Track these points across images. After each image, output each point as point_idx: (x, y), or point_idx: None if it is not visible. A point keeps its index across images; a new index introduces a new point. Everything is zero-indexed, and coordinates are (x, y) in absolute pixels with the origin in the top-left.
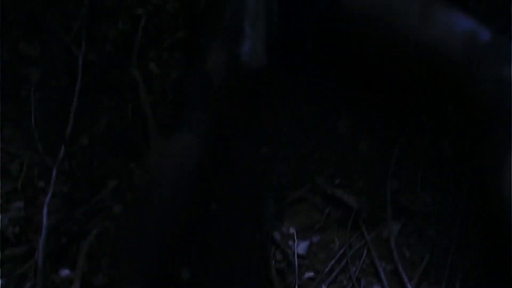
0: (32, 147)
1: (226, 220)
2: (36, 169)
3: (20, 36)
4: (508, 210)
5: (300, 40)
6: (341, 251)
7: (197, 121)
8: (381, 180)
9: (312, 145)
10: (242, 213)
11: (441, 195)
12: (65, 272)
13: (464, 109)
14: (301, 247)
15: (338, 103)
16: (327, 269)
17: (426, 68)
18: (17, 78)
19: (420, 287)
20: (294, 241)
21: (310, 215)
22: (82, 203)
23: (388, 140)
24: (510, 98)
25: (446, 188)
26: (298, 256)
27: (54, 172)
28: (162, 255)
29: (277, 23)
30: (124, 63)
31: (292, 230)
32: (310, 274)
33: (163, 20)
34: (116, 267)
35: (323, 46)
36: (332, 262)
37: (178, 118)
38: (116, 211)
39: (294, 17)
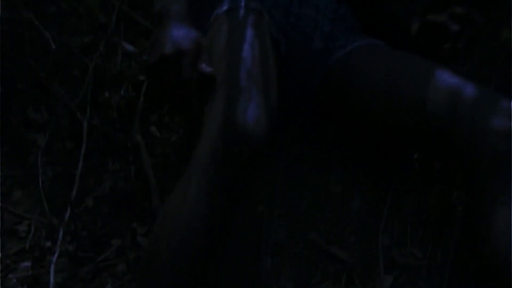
0: (40, 209)
1: (224, 276)
2: (43, 230)
3: (29, 103)
4: (504, 263)
5: (296, 106)
6: None
7: (201, 183)
8: (373, 235)
9: (306, 203)
10: (239, 268)
11: (430, 249)
12: None
13: (454, 163)
14: None
15: (330, 163)
16: None
17: (415, 125)
18: (25, 143)
19: None
20: None
21: (306, 271)
22: (87, 262)
23: (379, 197)
24: (504, 149)
25: (435, 242)
26: None
27: (60, 233)
28: None
29: (275, 90)
30: (127, 128)
31: (289, 286)
32: None
33: None
34: None
35: (318, 111)
36: None
37: (182, 181)
38: (120, 270)
39: (290, 84)
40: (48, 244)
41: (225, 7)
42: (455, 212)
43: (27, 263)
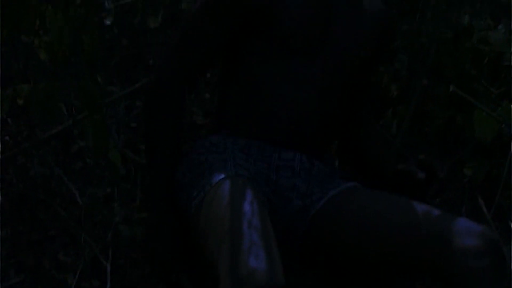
0: None
1: None
2: None
3: (59, 248)
4: None
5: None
6: None
7: None
8: None
9: None
10: None
11: None
12: None
13: (435, 283)
14: None
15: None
16: None
17: (398, 253)
18: (57, 283)
19: None
20: None
21: None
22: None
23: None
24: (478, 266)
25: None
26: None
27: None
28: None
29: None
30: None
31: None
32: None
33: None
34: None
35: (305, 257)
36: None
37: None
38: None
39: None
40: None
41: (220, 177)
42: None
43: None
